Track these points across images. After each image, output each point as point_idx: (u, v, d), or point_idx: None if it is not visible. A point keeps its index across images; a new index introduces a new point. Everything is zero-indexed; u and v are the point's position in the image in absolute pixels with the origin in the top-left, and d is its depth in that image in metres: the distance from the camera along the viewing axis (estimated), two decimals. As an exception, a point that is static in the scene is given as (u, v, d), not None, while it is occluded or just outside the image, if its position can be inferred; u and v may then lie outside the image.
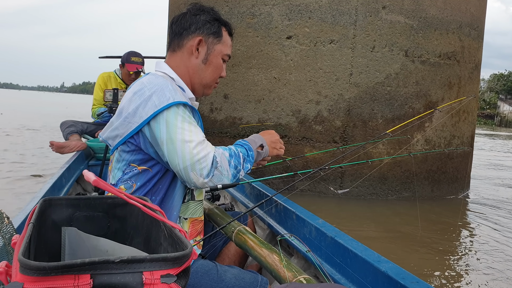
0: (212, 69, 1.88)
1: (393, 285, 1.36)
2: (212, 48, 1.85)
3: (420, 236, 4.17)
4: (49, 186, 2.68)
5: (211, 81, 1.90)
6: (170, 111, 1.61)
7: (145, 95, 1.63)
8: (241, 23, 5.67)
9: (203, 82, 1.88)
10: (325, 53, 5.38)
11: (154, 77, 1.72)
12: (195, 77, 1.86)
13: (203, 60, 1.85)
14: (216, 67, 1.88)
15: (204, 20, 1.84)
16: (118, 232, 1.22)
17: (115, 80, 5.71)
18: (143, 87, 1.67)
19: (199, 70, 1.86)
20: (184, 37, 1.85)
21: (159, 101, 1.61)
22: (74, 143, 4.47)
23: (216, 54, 1.87)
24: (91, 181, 0.92)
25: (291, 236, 2.02)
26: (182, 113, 1.63)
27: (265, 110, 5.57)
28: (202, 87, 1.90)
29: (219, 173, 1.62)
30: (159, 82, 1.67)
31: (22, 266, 0.74)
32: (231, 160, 1.68)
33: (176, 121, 1.61)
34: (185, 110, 1.65)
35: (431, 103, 5.61)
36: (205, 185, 1.62)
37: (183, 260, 0.85)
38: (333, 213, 4.78)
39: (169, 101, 1.60)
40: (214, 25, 1.85)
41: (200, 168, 1.58)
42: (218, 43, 1.87)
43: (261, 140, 1.94)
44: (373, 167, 5.34)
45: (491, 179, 8.25)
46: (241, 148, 1.78)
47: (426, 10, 5.53)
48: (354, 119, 5.40)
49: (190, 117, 1.66)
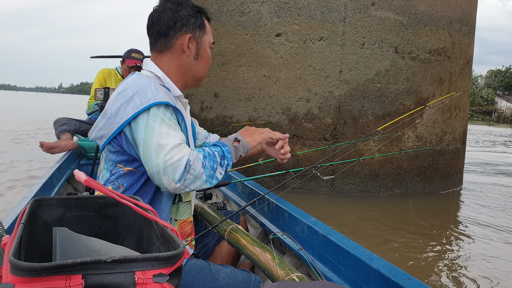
0: (203, 62, 1.86)
1: (385, 282, 1.36)
2: (201, 42, 1.82)
3: (412, 232, 4.19)
4: (39, 186, 2.66)
5: (204, 73, 1.89)
6: (150, 113, 1.58)
7: (127, 95, 1.62)
8: (230, 21, 5.66)
9: (197, 76, 1.87)
10: (315, 50, 5.38)
11: (138, 77, 1.70)
12: (188, 74, 1.84)
13: (194, 56, 1.82)
14: (207, 59, 1.87)
15: (187, 15, 1.79)
16: (110, 232, 1.21)
17: (115, 76, 5.75)
18: (127, 87, 1.65)
19: (192, 66, 1.83)
20: (171, 37, 1.79)
21: (140, 102, 1.59)
22: (64, 143, 4.44)
23: (205, 46, 1.84)
24: (82, 181, 0.91)
25: (284, 235, 2.02)
26: (162, 115, 1.60)
27: (255, 108, 5.57)
28: (195, 81, 1.89)
29: (192, 176, 1.58)
30: (142, 82, 1.65)
31: (13, 267, 0.73)
32: (206, 161, 1.63)
33: (154, 123, 1.58)
34: (165, 111, 1.61)
35: (422, 99, 5.63)
36: (177, 190, 1.58)
37: (176, 260, 0.84)
38: (325, 210, 4.79)
39: (150, 101, 1.58)
40: (198, 18, 1.81)
41: (172, 172, 1.54)
42: (204, 35, 1.83)
43: (235, 135, 1.90)
44: (364, 164, 5.36)
45: (484, 174, 8.31)
46: (215, 147, 1.74)
47: (415, 6, 5.54)
48: (345, 116, 5.41)
49: (170, 118, 1.62)
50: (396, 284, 1.31)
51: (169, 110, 1.63)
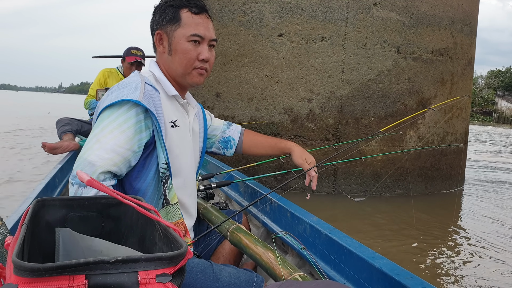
0: (179, 57, 1.78)
1: (388, 281, 1.36)
2: (172, 36, 1.77)
3: (414, 232, 4.19)
4: (42, 187, 2.67)
5: (184, 68, 1.80)
6: (112, 108, 1.63)
7: (111, 90, 1.70)
8: (232, 21, 5.66)
9: (178, 73, 1.81)
10: (317, 51, 5.38)
11: (133, 75, 1.77)
12: (171, 72, 1.83)
13: (168, 51, 1.80)
14: (182, 52, 1.77)
15: (160, 12, 1.80)
16: (113, 232, 1.21)
17: (116, 75, 5.79)
18: (117, 84, 1.73)
19: (169, 63, 1.81)
20: (153, 39, 1.85)
21: (115, 97, 1.63)
22: (66, 143, 4.45)
23: (178, 40, 1.77)
24: (85, 181, 0.92)
25: (286, 234, 2.02)
26: (120, 114, 1.61)
27: (257, 109, 5.57)
28: (182, 78, 1.83)
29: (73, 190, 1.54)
30: (129, 80, 1.71)
31: (16, 268, 0.73)
32: None
33: (107, 119, 1.61)
34: (127, 111, 1.62)
35: (423, 99, 5.63)
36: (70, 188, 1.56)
37: (178, 259, 0.85)
38: (327, 210, 4.78)
39: (121, 97, 1.61)
40: (168, 12, 1.77)
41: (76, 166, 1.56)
42: (177, 28, 1.76)
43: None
44: (366, 164, 5.35)
45: (486, 174, 8.30)
46: None
47: (417, 7, 5.54)
48: (347, 117, 5.40)
49: (126, 120, 1.61)
50: (398, 283, 1.31)
51: (134, 110, 1.63)
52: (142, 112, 1.64)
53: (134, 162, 1.66)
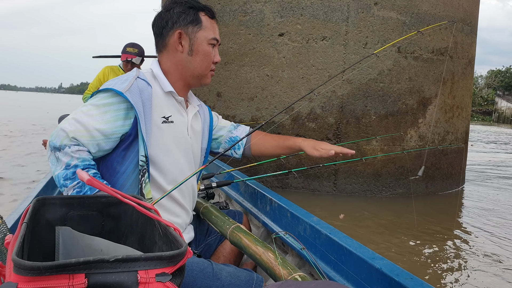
0: (200, 58, 1.85)
1: (388, 281, 1.36)
2: (195, 37, 1.83)
3: (414, 232, 4.18)
4: (42, 186, 2.66)
5: (203, 70, 1.87)
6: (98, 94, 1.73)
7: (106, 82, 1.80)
8: (233, 20, 5.66)
9: (195, 73, 1.87)
10: (318, 50, 5.37)
11: (131, 71, 1.85)
12: (186, 71, 1.86)
13: (188, 52, 1.83)
14: (204, 54, 1.85)
15: (178, 12, 1.83)
16: (112, 231, 1.21)
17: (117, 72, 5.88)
18: None
19: (187, 63, 1.85)
20: (165, 36, 1.85)
21: (105, 85, 1.75)
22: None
23: (200, 42, 1.83)
24: (85, 181, 0.92)
25: (286, 234, 2.02)
26: (103, 98, 1.70)
27: (258, 108, 5.56)
28: (196, 79, 1.89)
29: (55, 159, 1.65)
30: (125, 74, 1.81)
31: (16, 266, 0.73)
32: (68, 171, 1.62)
33: (90, 101, 1.72)
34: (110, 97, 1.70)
35: (424, 99, 5.62)
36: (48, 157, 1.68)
37: (178, 259, 0.85)
38: (327, 210, 4.78)
39: (109, 86, 1.71)
40: (190, 13, 1.82)
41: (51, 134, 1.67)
42: (199, 30, 1.83)
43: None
44: (367, 163, 5.35)
45: (487, 173, 8.29)
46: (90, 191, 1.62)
47: (418, 6, 5.53)
48: (347, 116, 5.40)
49: (107, 105, 1.69)
50: (398, 284, 1.31)
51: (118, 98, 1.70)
52: (125, 102, 1.69)
53: (106, 147, 1.71)
